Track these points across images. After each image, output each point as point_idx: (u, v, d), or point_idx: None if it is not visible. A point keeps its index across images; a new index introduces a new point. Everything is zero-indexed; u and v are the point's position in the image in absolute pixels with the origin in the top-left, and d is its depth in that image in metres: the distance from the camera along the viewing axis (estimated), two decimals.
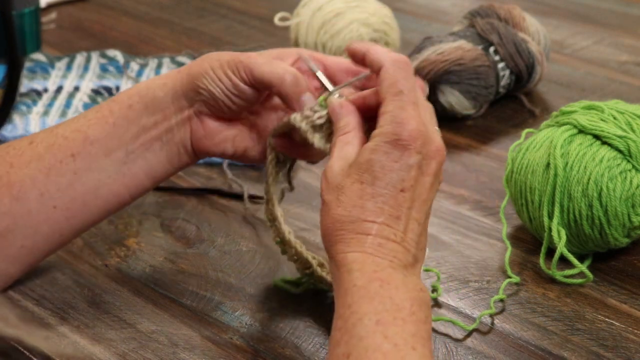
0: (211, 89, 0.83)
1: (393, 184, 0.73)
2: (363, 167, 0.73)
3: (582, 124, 0.93)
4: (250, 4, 1.63)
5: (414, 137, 0.73)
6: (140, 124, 0.84)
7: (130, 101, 0.85)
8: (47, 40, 1.43)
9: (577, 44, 1.48)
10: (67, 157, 0.84)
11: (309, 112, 0.80)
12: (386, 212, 0.72)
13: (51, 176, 0.83)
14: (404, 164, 0.73)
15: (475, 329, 0.85)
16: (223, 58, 0.83)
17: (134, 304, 0.87)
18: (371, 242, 0.72)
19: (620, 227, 0.91)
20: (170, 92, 0.84)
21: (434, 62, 1.18)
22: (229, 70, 0.83)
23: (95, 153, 0.84)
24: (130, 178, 0.85)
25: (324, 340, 0.83)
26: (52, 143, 0.84)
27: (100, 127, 0.84)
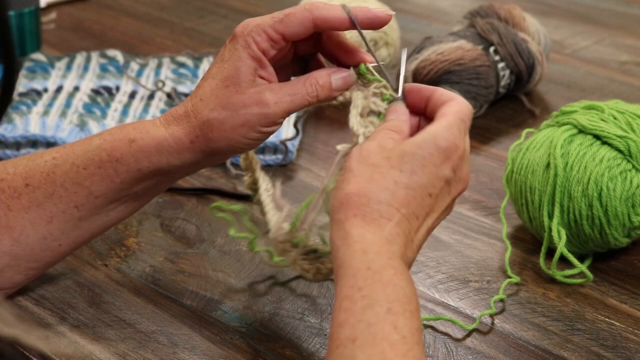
0: (246, 148, 0.80)
1: (424, 185, 0.72)
2: (407, 157, 0.72)
3: (582, 124, 0.93)
4: (250, 4, 1.63)
5: (456, 153, 0.74)
6: (152, 180, 0.82)
7: (138, 165, 0.80)
8: (47, 40, 1.43)
9: (577, 44, 1.48)
10: (70, 208, 0.82)
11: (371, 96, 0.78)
12: (411, 207, 0.72)
13: (54, 223, 0.82)
14: (440, 172, 0.73)
15: (475, 329, 0.85)
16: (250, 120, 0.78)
17: (134, 304, 0.87)
18: (390, 229, 0.71)
19: (620, 227, 0.91)
20: (189, 162, 0.81)
21: (434, 62, 1.18)
22: (264, 128, 0.79)
23: (101, 204, 0.82)
24: (138, 207, 0.85)
25: (324, 340, 0.83)
26: (52, 193, 0.81)
27: (106, 185, 0.81)
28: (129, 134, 0.81)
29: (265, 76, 0.79)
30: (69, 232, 0.83)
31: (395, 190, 0.71)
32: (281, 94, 0.78)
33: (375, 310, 0.66)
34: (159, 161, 0.80)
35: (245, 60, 0.78)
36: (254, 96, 0.78)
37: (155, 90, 1.24)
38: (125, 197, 0.82)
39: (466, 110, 0.77)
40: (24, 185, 0.82)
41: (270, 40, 0.79)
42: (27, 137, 1.11)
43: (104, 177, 0.81)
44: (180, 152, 0.80)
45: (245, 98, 0.78)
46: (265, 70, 0.79)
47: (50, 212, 0.82)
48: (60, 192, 0.81)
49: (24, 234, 0.82)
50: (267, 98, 0.78)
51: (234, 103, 0.78)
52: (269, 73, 0.79)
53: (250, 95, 0.78)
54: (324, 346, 0.82)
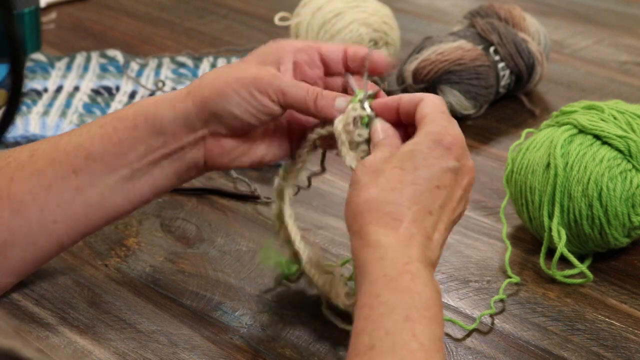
0: (235, 111, 0.80)
1: (430, 178, 0.73)
2: (406, 156, 0.73)
3: (582, 124, 0.93)
4: (250, 4, 1.63)
5: (455, 143, 0.74)
6: (147, 143, 0.82)
7: (135, 121, 0.82)
8: (47, 40, 1.43)
9: (577, 44, 1.48)
10: (69, 173, 0.82)
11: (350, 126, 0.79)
12: (422, 203, 0.72)
13: (52, 192, 0.82)
14: (443, 163, 0.73)
15: (475, 329, 0.85)
16: (245, 77, 0.80)
17: (134, 304, 0.87)
18: (405, 230, 0.70)
19: (620, 227, 0.91)
20: (181, 115, 0.81)
21: (434, 62, 1.18)
22: (256, 91, 0.80)
23: (98, 170, 0.82)
24: (135, 193, 0.84)
25: (324, 340, 0.83)
26: (53, 158, 0.82)
27: (103, 145, 0.82)
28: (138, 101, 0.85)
29: (282, 70, 0.82)
30: (64, 205, 0.83)
31: (402, 189, 0.72)
32: (285, 76, 0.81)
33: (393, 317, 0.66)
34: (154, 114, 0.82)
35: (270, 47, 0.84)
36: (257, 65, 0.81)
37: (155, 90, 1.24)
38: (121, 168, 0.82)
39: (439, 102, 0.77)
40: (29, 156, 0.83)
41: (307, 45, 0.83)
42: (27, 137, 1.11)
43: (103, 135, 0.82)
44: (175, 103, 0.82)
45: (250, 65, 0.82)
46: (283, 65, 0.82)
47: (50, 179, 0.82)
48: (62, 157, 0.82)
49: (22, 205, 0.82)
50: (269, 69, 0.81)
51: (235, 64, 0.83)
52: (286, 69, 0.82)
53: (254, 65, 0.82)
54: (324, 346, 0.82)
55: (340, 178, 1.07)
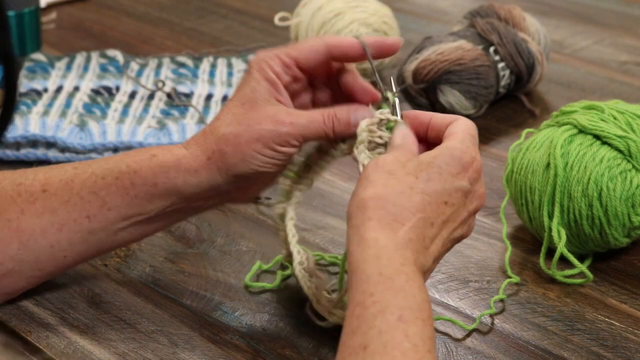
0: (261, 169, 0.80)
1: (440, 193, 0.73)
2: (423, 165, 0.73)
3: (582, 124, 0.93)
4: (250, 4, 1.63)
5: (473, 165, 0.75)
6: (167, 200, 0.82)
7: (155, 180, 0.81)
8: (47, 40, 1.43)
9: (577, 44, 1.48)
10: (82, 217, 0.82)
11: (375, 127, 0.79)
12: (426, 213, 0.72)
13: (63, 232, 0.82)
14: (456, 182, 0.74)
15: (475, 329, 0.85)
16: (264, 136, 0.79)
17: (134, 304, 0.87)
18: (404, 233, 0.70)
19: (620, 227, 0.91)
20: (206, 181, 0.81)
21: (434, 62, 1.18)
22: (278, 146, 0.79)
23: (113, 218, 0.82)
24: (148, 232, 0.85)
25: (324, 340, 0.83)
26: (67, 200, 0.82)
27: (120, 197, 0.81)
28: (152, 150, 0.83)
29: (282, 100, 0.81)
30: (76, 245, 0.83)
31: (410, 195, 0.72)
32: (297, 116, 0.80)
33: (387, 317, 0.66)
34: (175, 177, 0.81)
35: (260, 81, 0.81)
36: (270, 113, 0.80)
37: (155, 90, 1.24)
38: (138, 216, 0.82)
39: (472, 127, 0.78)
40: (41, 191, 0.82)
41: (284, 64, 0.81)
42: (27, 137, 1.11)
43: (120, 188, 0.81)
44: (197, 169, 0.81)
45: (261, 114, 0.80)
46: (280, 94, 0.81)
47: (62, 220, 0.82)
48: (75, 200, 0.82)
49: (32, 240, 0.82)
50: (283, 117, 0.80)
51: (249, 118, 0.80)
52: (284, 97, 0.81)
53: (266, 112, 0.80)
54: (324, 346, 0.82)
55: (340, 178, 1.08)
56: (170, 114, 1.19)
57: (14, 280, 0.84)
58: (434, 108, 1.21)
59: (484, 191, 0.77)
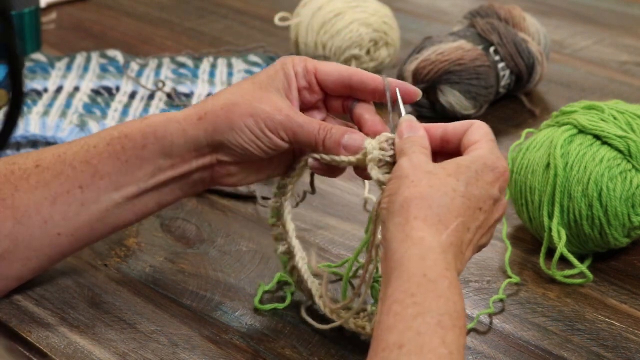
0: (245, 145, 0.81)
1: (478, 198, 0.73)
2: (462, 168, 0.73)
3: (582, 124, 0.93)
4: (250, 4, 1.63)
5: (505, 176, 0.75)
6: (155, 164, 0.82)
7: (144, 141, 0.82)
8: (47, 40, 1.43)
9: (577, 44, 1.48)
10: (75, 188, 0.82)
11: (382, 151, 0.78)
12: (465, 217, 0.72)
13: (57, 205, 0.82)
14: (491, 189, 0.74)
15: (473, 328, 0.85)
16: (258, 114, 0.80)
17: (134, 304, 0.87)
18: (447, 236, 0.70)
19: (620, 227, 0.91)
20: (192, 140, 0.82)
21: (434, 62, 1.18)
22: (267, 130, 0.80)
23: (104, 187, 0.83)
24: (140, 207, 0.85)
25: (324, 340, 0.83)
26: (60, 172, 0.82)
27: (111, 163, 0.82)
28: (147, 116, 0.84)
29: (290, 97, 0.82)
30: (69, 218, 0.83)
31: (454, 197, 0.72)
32: (296, 114, 0.81)
33: (426, 320, 0.66)
34: (163, 136, 0.82)
35: (279, 72, 0.82)
36: (273, 98, 0.81)
37: (155, 90, 1.24)
38: (127, 186, 0.83)
39: (489, 130, 0.79)
40: (34, 166, 0.83)
41: (305, 68, 0.82)
42: (27, 137, 1.11)
43: (111, 153, 0.82)
44: (185, 128, 0.81)
45: (264, 95, 0.81)
46: (291, 92, 0.82)
47: (55, 192, 0.82)
48: (68, 171, 0.82)
49: (26, 215, 0.82)
50: (283, 107, 0.80)
51: (254, 94, 0.81)
52: (294, 96, 0.82)
53: (270, 97, 0.81)
54: (324, 346, 0.82)
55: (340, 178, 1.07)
56: None
57: (10, 262, 0.83)
58: (434, 108, 1.21)
59: (506, 202, 0.78)
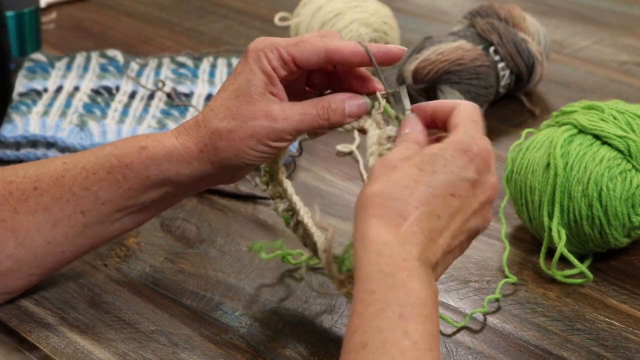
0: (253, 163, 0.80)
1: (447, 185, 0.71)
2: (426, 157, 0.72)
3: (582, 124, 0.93)
4: (250, 4, 1.63)
5: (480, 157, 0.73)
6: (160, 190, 0.82)
7: (147, 173, 0.81)
8: (47, 40, 1.43)
9: (577, 44, 1.48)
10: (77, 213, 0.82)
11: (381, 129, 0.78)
12: (432, 206, 0.71)
13: (59, 228, 0.82)
14: (463, 173, 0.72)
15: (470, 328, 0.85)
16: (259, 132, 0.79)
17: (134, 304, 0.87)
18: (407, 227, 0.69)
19: (620, 227, 0.91)
20: (199, 172, 0.81)
21: (434, 62, 1.18)
22: (271, 142, 0.79)
23: (107, 211, 0.82)
24: (143, 220, 0.85)
25: (324, 340, 0.83)
26: (60, 197, 0.82)
27: (113, 191, 0.82)
28: (141, 141, 0.82)
29: (276, 92, 0.80)
30: (72, 239, 0.83)
31: (414, 188, 0.71)
32: (291, 111, 0.79)
33: (387, 315, 0.65)
34: (167, 169, 0.81)
35: (257, 73, 0.80)
36: (264, 108, 0.79)
37: (155, 90, 1.24)
38: (132, 207, 0.83)
39: (473, 110, 0.77)
40: (33, 189, 0.82)
41: (281, 59, 0.80)
42: (27, 137, 1.11)
43: (112, 182, 0.81)
44: (190, 161, 0.80)
45: (255, 109, 0.79)
46: (275, 87, 0.80)
47: (56, 216, 0.82)
48: (68, 197, 0.82)
49: (28, 238, 0.82)
50: (276, 113, 0.79)
51: (243, 114, 0.79)
52: (279, 90, 0.80)
53: (260, 108, 0.79)
54: (324, 346, 0.82)
55: (340, 178, 1.08)
56: (171, 114, 1.19)
57: (13, 280, 0.84)
58: None
59: (494, 181, 0.75)
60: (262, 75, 0.79)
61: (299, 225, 0.84)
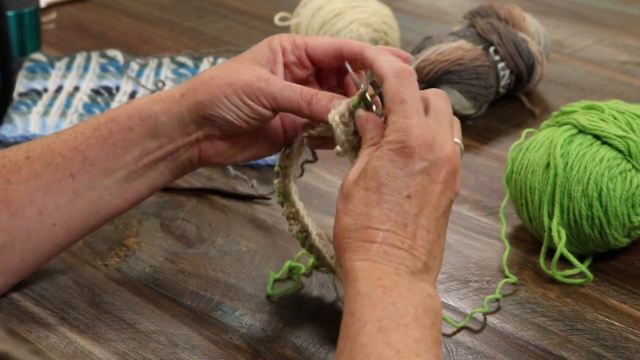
0: (227, 116, 0.81)
1: (398, 190, 0.72)
2: (369, 174, 0.72)
3: (582, 124, 0.93)
4: (250, 4, 1.63)
5: (418, 144, 0.72)
6: (142, 145, 0.83)
7: (130, 123, 0.82)
8: (47, 40, 1.43)
9: (577, 44, 1.48)
10: (66, 176, 0.83)
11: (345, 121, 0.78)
12: (392, 219, 0.71)
13: (50, 195, 0.83)
14: (408, 170, 0.72)
15: (470, 328, 0.85)
16: (236, 83, 0.80)
17: (134, 304, 0.87)
18: (376, 249, 0.71)
19: (620, 227, 0.91)
20: (176, 117, 0.82)
21: (434, 62, 1.18)
22: (247, 98, 0.80)
23: (95, 173, 0.83)
24: (132, 193, 0.85)
25: (324, 340, 0.83)
26: (50, 161, 0.83)
27: (100, 148, 0.82)
28: (132, 100, 0.85)
29: (275, 71, 0.82)
30: (63, 208, 0.83)
31: (368, 212, 0.72)
32: (276, 79, 0.80)
33: (367, 330, 0.67)
34: (148, 116, 0.82)
35: (264, 48, 0.83)
36: (251, 68, 0.81)
37: (155, 90, 1.24)
38: (118, 170, 0.83)
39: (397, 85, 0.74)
40: (25, 158, 0.83)
41: (294, 44, 0.83)
42: (27, 137, 1.11)
43: (99, 138, 0.82)
44: (169, 105, 0.82)
45: (244, 67, 0.81)
46: (276, 66, 0.82)
47: (47, 182, 0.82)
48: (58, 160, 0.83)
49: (20, 207, 0.82)
50: (261, 73, 0.81)
51: (232, 66, 0.82)
52: (279, 70, 0.82)
53: (249, 67, 0.81)
54: (324, 346, 0.82)
55: (340, 178, 1.07)
56: None
57: (7, 257, 0.83)
58: None
59: (448, 151, 0.73)
60: (268, 51, 0.82)
61: (312, 248, 0.86)
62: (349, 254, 0.72)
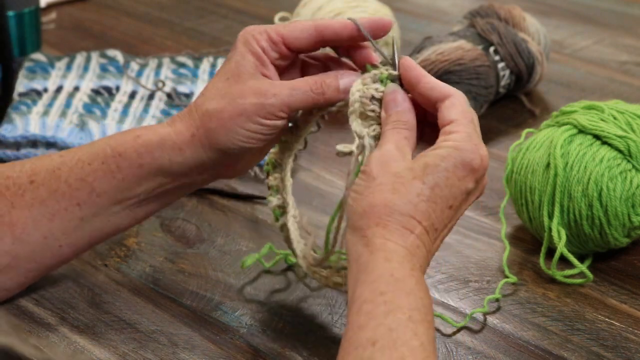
0: (246, 144, 0.79)
1: (447, 198, 0.73)
2: (429, 169, 0.73)
3: (582, 124, 0.93)
4: (250, 4, 1.63)
5: (482, 167, 0.74)
6: (155, 181, 0.82)
7: (140, 161, 0.80)
8: (47, 40, 1.43)
9: (577, 44, 1.48)
10: (72, 205, 0.82)
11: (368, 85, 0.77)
12: (432, 219, 0.73)
13: (55, 221, 0.82)
14: (462, 186, 0.74)
15: (470, 328, 0.85)
16: (247, 110, 0.78)
17: (134, 304, 0.87)
18: (412, 241, 0.71)
19: (620, 227, 0.91)
20: (192, 160, 0.80)
21: (434, 62, 1.18)
22: (262, 119, 0.78)
23: (102, 203, 0.82)
24: (141, 214, 0.84)
25: (324, 340, 0.83)
26: (55, 189, 0.81)
27: (108, 181, 0.81)
28: (136, 131, 0.82)
29: (267, 74, 0.80)
30: (69, 233, 0.83)
31: (417, 203, 0.72)
32: (281, 87, 0.79)
33: (397, 316, 0.67)
34: (160, 156, 0.80)
35: (245, 55, 0.80)
36: (253, 86, 0.79)
37: (155, 90, 1.24)
38: (128, 200, 0.82)
39: (467, 104, 0.77)
40: (29, 182, 0.82)
41: (270, 40, 0.80)
42: (27, 137, 1.11)
43: (107, 172, 0.81)
44: (182, 147, 0.80)
45: (244, 88, 0.79)
46: (266, 68, 0.80)
47: (53, 209, 0.82)
48: (64, 189, 0.81)
49: (25, 232, 0.82)
50: (265, 89, 0.78)
51: (232, 92, 0.79)
52: (270, 71, 0.80)
53: (249, 86, 0.79)
54: (324, 346, 0.82)
55: (340, 178, 1.08)
56: (171, 114, 1.19)
57: (11, 276, 0.83)
58: None
59: (486, 181, 0.77)
60: (251, 56, 0.79)
61: (284, 227, 0.85)
62: (384, 231, 0.71)
